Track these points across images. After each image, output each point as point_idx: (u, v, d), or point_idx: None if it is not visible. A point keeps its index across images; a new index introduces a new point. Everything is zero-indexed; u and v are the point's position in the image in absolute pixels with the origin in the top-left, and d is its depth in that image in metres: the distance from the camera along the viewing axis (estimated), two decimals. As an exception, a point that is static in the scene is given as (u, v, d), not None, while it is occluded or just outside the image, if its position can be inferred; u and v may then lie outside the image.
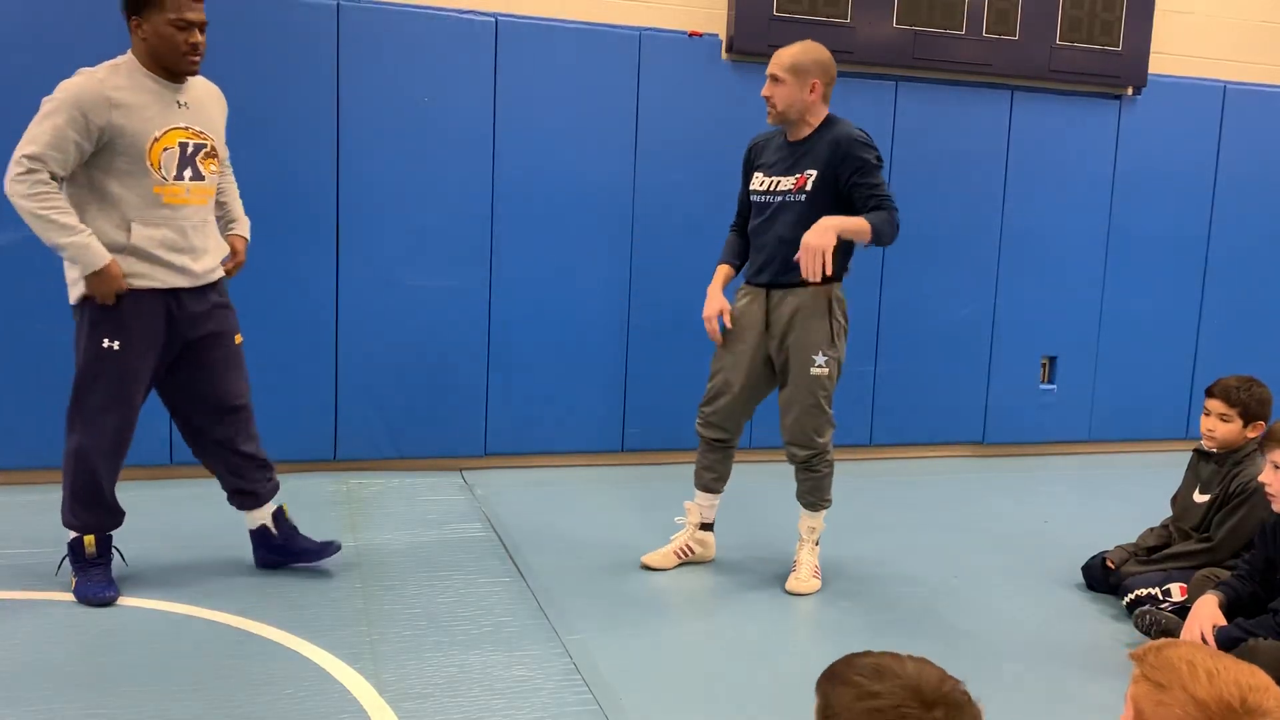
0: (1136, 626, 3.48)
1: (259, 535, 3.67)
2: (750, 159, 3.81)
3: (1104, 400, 5.93)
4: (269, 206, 4.34)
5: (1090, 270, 5.81)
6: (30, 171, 3.07)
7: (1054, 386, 5.87)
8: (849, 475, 5.27)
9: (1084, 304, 5.84)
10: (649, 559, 3.91)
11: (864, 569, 4.01)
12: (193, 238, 3.32)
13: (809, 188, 3.57)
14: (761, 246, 3.70)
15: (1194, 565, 3.60)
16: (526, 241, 4.95)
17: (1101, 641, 3.48)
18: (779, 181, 3.64)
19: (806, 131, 3.62)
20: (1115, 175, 5.77)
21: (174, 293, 3.30)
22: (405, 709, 2.79)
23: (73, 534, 3.40)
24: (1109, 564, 3.82)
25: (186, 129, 3.26)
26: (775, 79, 3.56)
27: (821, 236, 3.38)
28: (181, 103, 3.26)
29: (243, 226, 3.65)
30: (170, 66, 3.20)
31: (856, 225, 3.45)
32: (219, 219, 3.56)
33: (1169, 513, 3.91)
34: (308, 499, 4.29)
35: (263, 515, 3.64)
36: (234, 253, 3.60)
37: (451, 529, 4.21)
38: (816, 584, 3.79)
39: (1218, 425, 3.69)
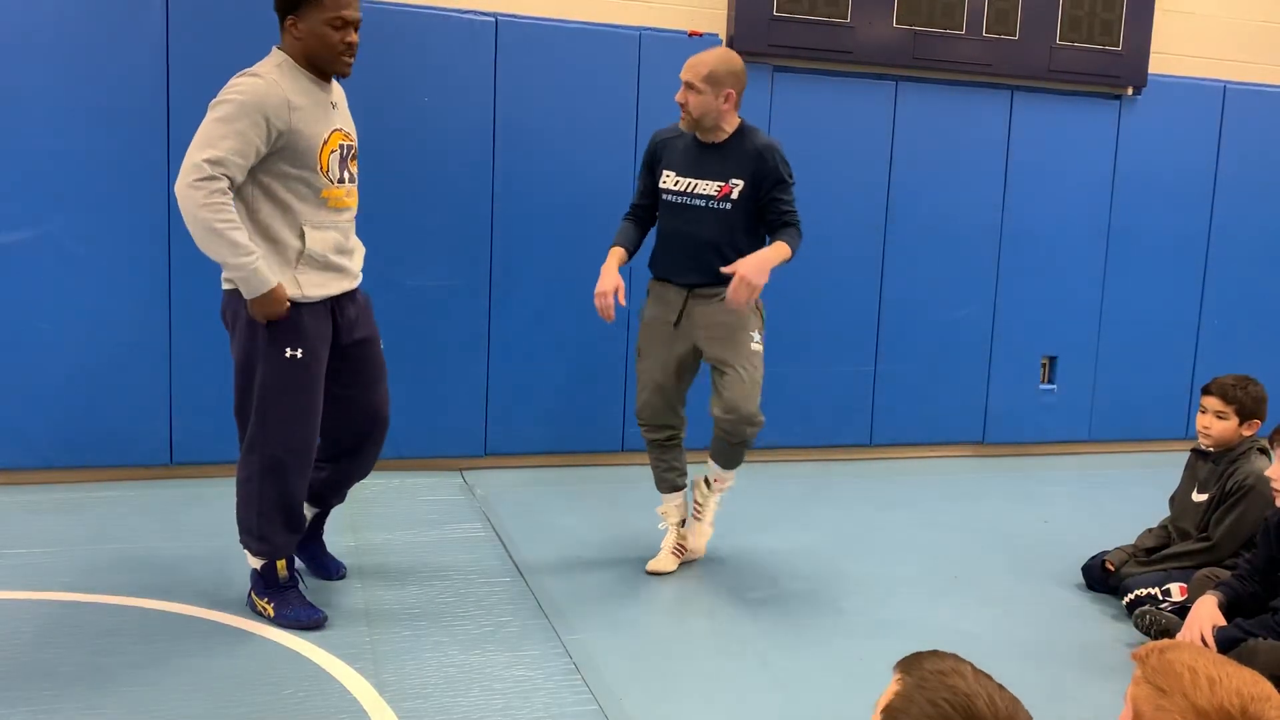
0: (1136, 626, 3.48)
1: None
2: (655, 154, 3.82)
3: (1104, 400, 5.93)
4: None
5: (1090, 270, 5.81)
6: (210, 179, 2.93)
7: (1054, 386, 5.87)
8: (849, 475, 5.29)
9: (1084, 304, 5.84)
10: (653, 565, 3.90)
11: (864, 569, 4.01)
12: (350, 239, 3.29)
13: (735, 196, 3.62)
14: (681, 248, 3.72)
15: (1193, 565, 3.61)
16: (526, 241, 4.96)
17: (1101, 641, 3.48)
18: (696, 184, 3.67)
19: (722, 136, 3.66)
20: (1115, 175, 5.77)
21: (337, 299, 3.24)
22: (405, 709, 2.79)
23: (260, 561, 3.26)
24: (1108, 566, 3.82)
25: (341, 130, 3.19)
26: (691, 87, 3.60)
27: (760, 275, 3.50)
28: (333, 103, 3.18)
29: None
30: (325, 66, 3.12)
31: (784, 256, 3.61)
32: None
33: (1168, 513, 3.91)
34: (308, 499, 4.29)
35: (309, 510, 3.61)
36: None
37: (451, 529, 4.21)
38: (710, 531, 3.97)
39: (1214, 423, 3.70)
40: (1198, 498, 3.76)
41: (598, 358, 5.12)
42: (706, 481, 3.92)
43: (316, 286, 3.16)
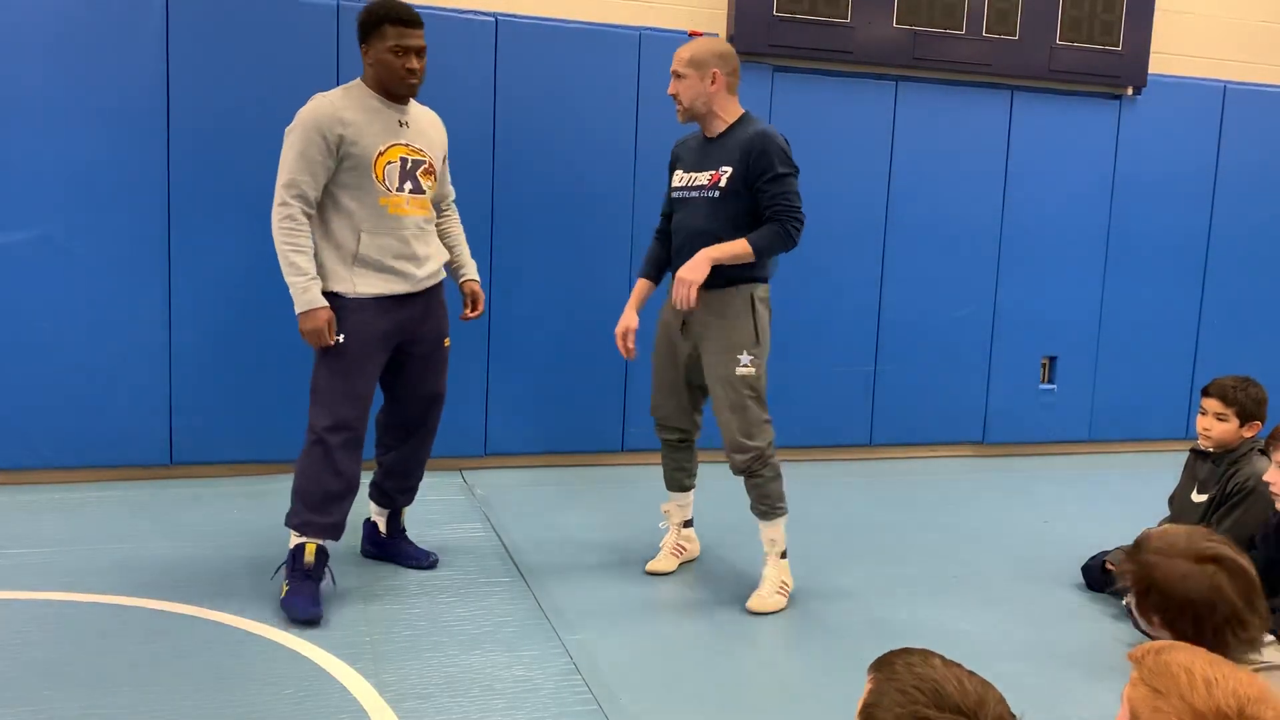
0: (1136, 626, 3.47)
1: (369, 527, 3.87)
2: (673, 159, 3.79)
3: (1104, 400, 5.93)
4: (270, 208, 4.34)
5: (1090, 270, 5.82)
6: (284, 204, 3.32)
7: (1054, 386, 5.87)
8: (849, 475, 5.29)
9: (1084, 304, 5.84)
10: (652, 565, 3.90)
11: (864, 568, 4.01)
12: (414, 245, 3.50)
13: (723, 184, 3.53)
14: (680, 243, 3.66)
15: (1194, 565, 3.60)
16: (526, 241, 4.96)
17: (1101, 641, 3.48)
18: (695, 177, 3.63)
19: (721, 127, 3.60)
20: (1115, 175, 5.77)
21: (397, 298, 3.49)
22: (405, 709, 2.79)
23: (295, 540, 3.43)
24: (1109, 566, 3.82)
25: (407, 145, 3.48)
26: (676, 75, 3.58)
27: (693, 271, 3.43)
28: (403, 122, 3.48)
29: (474, 270, 3.87)
30: (391, 89, 3.43)
31: (734, 251, 3.46)
32: (449, 265, 3.80)
33: (1168, 513, 3.91)
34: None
35: (380, 514, 3.84)
36: (475, 301, 3.83)
37: (451, 529, 4.21)
38: (780, 601, 3.60)
39: (1214, 425, 3.70)
40: (1197, 498, 3.76)
41: (598, 358, 5.12)
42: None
43: (370, 286, 3.43)
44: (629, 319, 3.73)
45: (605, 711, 2.83)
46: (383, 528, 3.84)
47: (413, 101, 3.56)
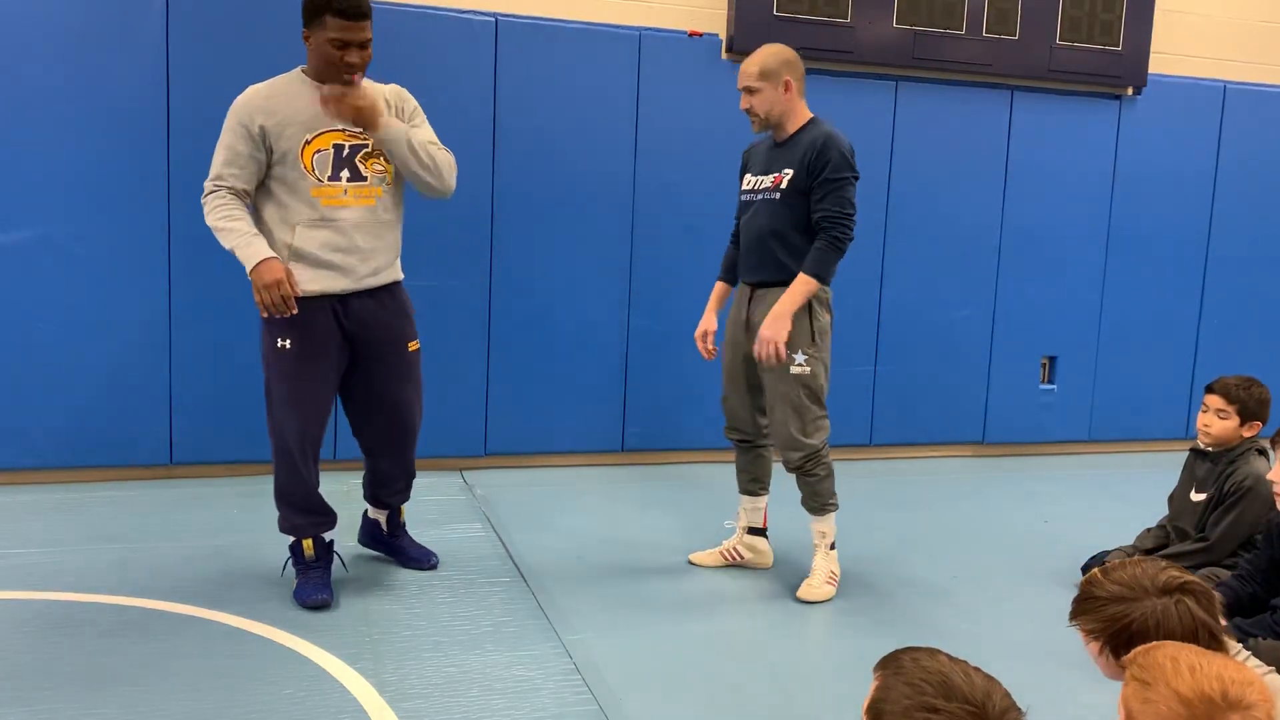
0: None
1: (369, 523, 3.88)
2: (743, 164, 3.84)
3: (1104, 400, 5.93)
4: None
5: (1090, 270, 5.82)
6: (210, 194, 3.26)
7: (1054, 386, 5.87)
8: (849, 475, 5.27)
9: (1084, 304, 5.84)
10: (695, 556, 3.94)
11: (864, 569, 4.01)
12: (355, 238, 3.34)
13: (784, 185, 3.58)
14: (743, 245, 3.72)
15: (1192, 565, 3.60)
16: (526, 241, 4.96)
17: (1101, 641, 3.48)
18: (761, 181, 3.67)
19: (791, 130, 3.63)
20: (1115, 175, 5.77)
21: (340, 297, 3.35)
22: (405, 709, 2.79)
23: (289, 537, 3.52)
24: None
25: (343, 131, 3.29)
26: (749, 90, 3.58)
27: (774, 329, 3.47)
28: None
29: (395, 125, 3.33)
30: (326, 80, 3.27)
31: (804, 290, 3.49)
32: None
33: (1168, 512, 3.91)
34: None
35: (379, 514, 3.83)
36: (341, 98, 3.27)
37: (451, 529, 4.21)
38: (830, 590, 3.68)
39: (1214, 421, 3.70)
40: (1196, 497, 3.76)
41: (598, 358, 5.13)
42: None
43: (308, 282, 3.30)
44: (708, 321, 3.81)
45: (605, 711, 2.83)
46: (383, 524, 3.84)
47: (366, 81, 3.31)
